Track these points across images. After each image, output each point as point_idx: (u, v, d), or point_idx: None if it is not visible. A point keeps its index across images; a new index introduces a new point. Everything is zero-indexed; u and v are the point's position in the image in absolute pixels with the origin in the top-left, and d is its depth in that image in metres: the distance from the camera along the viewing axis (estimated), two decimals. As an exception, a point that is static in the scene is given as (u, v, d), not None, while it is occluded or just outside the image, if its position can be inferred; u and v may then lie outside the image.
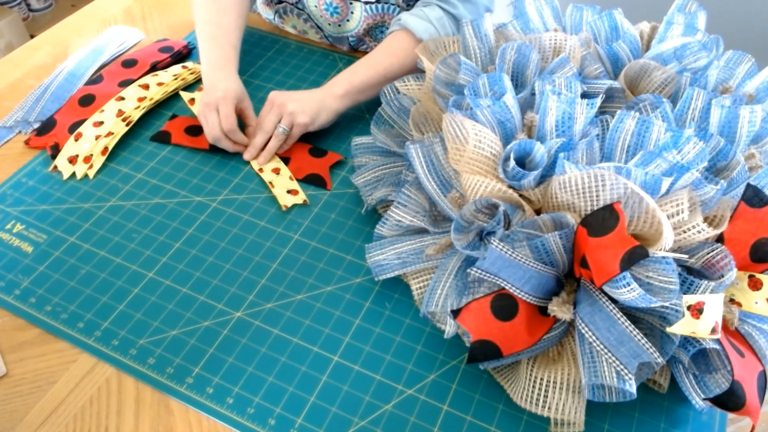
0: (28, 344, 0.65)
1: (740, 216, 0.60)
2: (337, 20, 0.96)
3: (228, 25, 0.89)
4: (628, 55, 0.76)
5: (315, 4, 0.96)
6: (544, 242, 0.57)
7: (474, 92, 0.67)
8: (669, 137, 0.61)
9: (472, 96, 0.67)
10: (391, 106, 0.78)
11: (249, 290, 0.70)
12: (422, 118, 0.74)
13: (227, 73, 0.85)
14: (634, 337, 0.54)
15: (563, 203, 0.61)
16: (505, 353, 0.58)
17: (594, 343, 0.55)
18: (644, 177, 0.57)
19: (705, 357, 0.57)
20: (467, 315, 0.59)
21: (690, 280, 0.56)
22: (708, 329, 0.54)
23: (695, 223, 0.57)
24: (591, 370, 0.55)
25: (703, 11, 0.78)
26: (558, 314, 0.58)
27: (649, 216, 0.56)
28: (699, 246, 0.58)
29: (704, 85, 0.71)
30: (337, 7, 0.94)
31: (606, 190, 0.57)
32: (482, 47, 0.75)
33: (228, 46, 0.88)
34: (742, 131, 0.65)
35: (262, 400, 0.61)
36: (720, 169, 0.64)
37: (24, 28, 2.02)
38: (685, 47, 0.74)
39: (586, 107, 0.64)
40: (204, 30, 0.89)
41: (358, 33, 0.98)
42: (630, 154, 0.63)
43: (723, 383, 0.55)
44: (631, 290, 0.53)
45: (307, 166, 0.83)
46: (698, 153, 0.60)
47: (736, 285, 0.60)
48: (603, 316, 0.56)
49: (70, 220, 0.76)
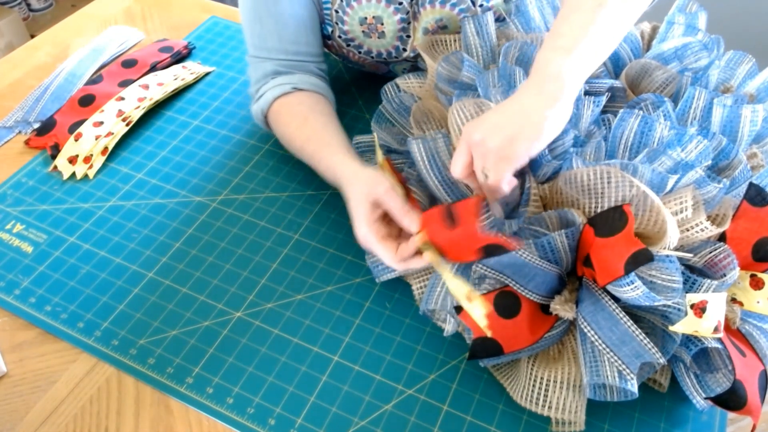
0: (28, 344, 0.65)
1: (742, 215, 0.60)
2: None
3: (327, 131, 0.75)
4: (629, 55, 0.76)
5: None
6: (551, 241, 0.57)
7: (483, 85, 0.67)
8: (673, 135, 0.61)
9: (483, 87, 0.67)
10: (392, 103, 0.77)
11: (249, 290, 0.70)
12: (423, 116, 0.74)
13: (347, 178, 0.67)
14: (636, 336, 0.54)
15: (568, 199, 0.61)
16: (506, 350, 0.58)
17: (596, 342, 0.55)
18: (650, 174, 0.56)
19: (706, 356, 0.57)
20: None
21: (693, 279, 0.56)
22: (711, 328, 0.54)
23: (699, 221, 0.57)
24: (593, 370, 0.55)
25: (704, 12, 0.78)
26: (560, 313, 0.58)
27: (653, 214, 0.56)
28: (701, 245, 0.58)
29: (705, 84, 0.71)
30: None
31: (611, 187, 0.57)
32: (484, 45, 0.75)
33: (331, 147, 0.72)
34: (743, 130, 0.65)
35: (262, 400, 0.61)
36: (722, 169, 0.64)
37: (24, 28, 2.01)
38: (686, 47, 0.74)
39: (591, 104, 0.64)
40: (308, 149, 0.74)
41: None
42: (633, 152, 0.63)
43: (724, 382, 0.55)
44: (635, 288, 0.53)
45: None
46: (702, 151, 0.60)
47: (738, 284, 0.60)
48: (605, 315, 0.56)
49: (70, 220, 0.76)
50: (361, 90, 0.92)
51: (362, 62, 0.87)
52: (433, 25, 0.79)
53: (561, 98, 0.56)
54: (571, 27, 0.57)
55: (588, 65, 0.58)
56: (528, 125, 0.55)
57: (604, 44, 0.58)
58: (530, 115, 0.56)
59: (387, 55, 0.83)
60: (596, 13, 0.57)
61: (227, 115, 0.89)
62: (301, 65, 0.80)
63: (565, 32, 0.57)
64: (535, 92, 0.57)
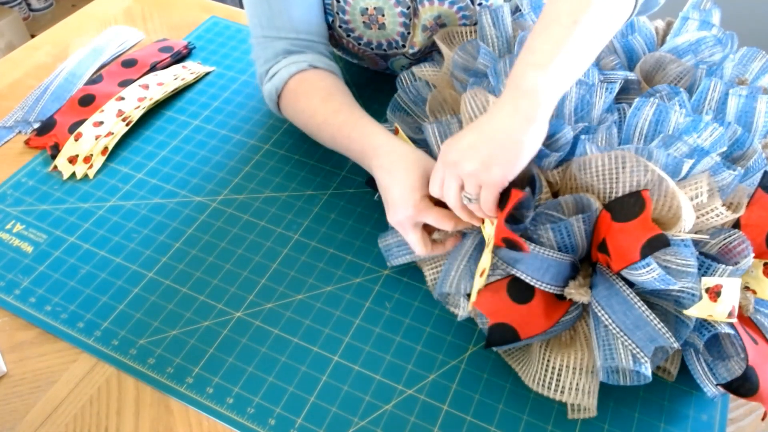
0: (28, 344, 0.66)
1: (757, 203, 0.60)
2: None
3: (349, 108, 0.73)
4: (644, 49, 0.76)
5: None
6: (568, 226, 0.57)
7: (495, 73, 0.67)
8: (689, 121, 0.61)
9: (494, 76, 0.67)
10: (407, 93, 0.77)
11: (249, 290, 0.70)
12: (439, 106, 0.74)
13: (389, 162, 0.65)
14: (650, 321, 0.54)
15: (582, 185, 0.61)
16: (522, 336, 0.58)
17: (610, 326, 0.55)
18: (665, 159, 0.56)
19: (717, 344, 0.57)
20: (483, 299, 0.59)
21: (707, 264, 0.56)
22: (725, 313, 0.54)
23: (714, 206, 0.57)
24: (606, 353, 0.56)
25: (718, 9, 0.78)
26: (575, 297, 0.58)
27: (668, 199, 0.56)
28: (716, 231, 0.58)
29: (720, 77, 0.70)
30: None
31: (626, 172, 0.56)
32: (500, 36, 0.74)
33: (362, 127, 0.71)
34: (759, 121, 0.65)
35: (262, 400, 0.61)
36: (737, 158, 0.63)
37: (24, 27, 2.01)
38: (700, 41, 0.74)
39: (604, 92, 0.63)
40: (335, 128, 0.72)
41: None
42: (648, 141, 0.63)
43: (736, 370, 0.55)
44: (651, 271, 0.53)
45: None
46: (717, 138, 0.60)
47: (751, 273, 0.60)
48: (619, 300, 0.56)
49: (70, 220, 0.76)
50: (361, 90, 0.92)
51: (361, 54, 0.87)
52: (432, 22, 0.78)
53: (536, 118, 0.55)
54: (547, 43, 0.57)
55: (563, 82, 0.57)
56: (503, 149, 0.55)
57: (579, 61, 0.58)
58: (505, 139, 0.55)
59: (387, 47, 0.83)
60: (571, 30, 0.57)
61: (227, 115, 0.89)
62: (313, 45, 0.79)
63: (540, 48, 0.57)
64: (510, 111, 0.56)
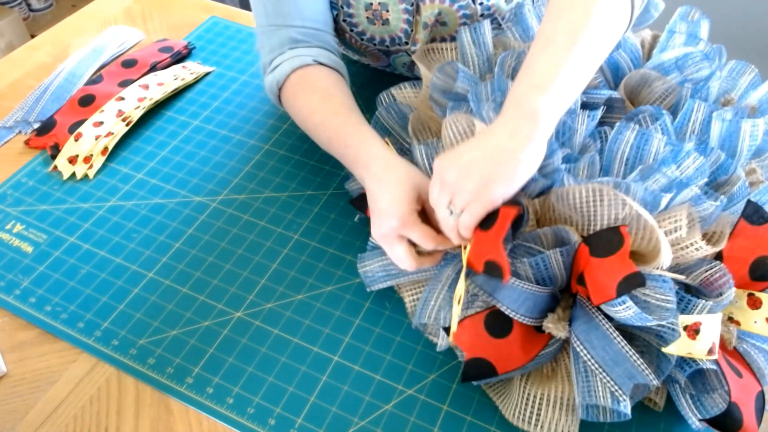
0: (28, 344, 0.66)
1: (740, 233, 0.59)
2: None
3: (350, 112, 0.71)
4: (629, 65, 0.75)
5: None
6: (545, 259, 0.56)
7: (477, 98, 0.66)
8: (668, 151, 0.60)
9: (475, 102, 0.66)
10: (389, 111, 0.75)
11: (249, 290, 0.70)
12: (421, 126, 0.73)
13: (382, 171, 0.64)
14: (630, 357, 0.53)
15: (560, 216, 0.60)
16: (499, 371, 0.57)
17: (589, 362, 0.55)
18: (643, 193, 0.55)
19: (702, 377, 0.56)
20: (461, 332, 0.58)
21: (687, 299, 0.55)
22: (705, 350, 0.53)
23: (693, 240, 0.56)
24: (585, 390, 0.55)
25: (706, 20, 0.77)
26: (553, 332, 0.57)
27: (647, 233, 0.55)
28: (697, 263, 0.57)
29: (706, 96, 0.69)
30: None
31: (604, 205, 0.56)
32: (480, 55, 0.73)
33: (361, 135, 0.69)
34: (743, 145, 0.64)
35: (262, 400, 0.61)
36: (720, 184, 0.63)
37: (24, 27, 2.01)
38: (687, 57, 0.73)
39: (586, 119, 0.63)
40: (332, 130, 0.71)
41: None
42: (629, 166, 0.62)
43: (720, 404, 0.54)
44: (627, 308, 0.52)
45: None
46: (698, 168, 0.59)
47: (735, 303, 0.59)
48: (599, 334, 0.55)
49: (70, 220, 0.76)
50: (361, 90, 0.92)
51: (363, 50, 0.86)
52: (432, 19, 0.78)
53: (535, 138, 0.55)
54: (546, 64, 0.57)
55: (563, 103, 0.57)
56: (503, 168, 0.55)
57: (578, 81, 0.59)
58: (504, 158, 0.55)
59: (390, 43, 0.82)
60: (570, 50, 0.57)
61: (227, 115, 0.89)
62: (319, 34, 0.77)
63: (539, 69, 0.57)
64: (510, 131, 0.56)
